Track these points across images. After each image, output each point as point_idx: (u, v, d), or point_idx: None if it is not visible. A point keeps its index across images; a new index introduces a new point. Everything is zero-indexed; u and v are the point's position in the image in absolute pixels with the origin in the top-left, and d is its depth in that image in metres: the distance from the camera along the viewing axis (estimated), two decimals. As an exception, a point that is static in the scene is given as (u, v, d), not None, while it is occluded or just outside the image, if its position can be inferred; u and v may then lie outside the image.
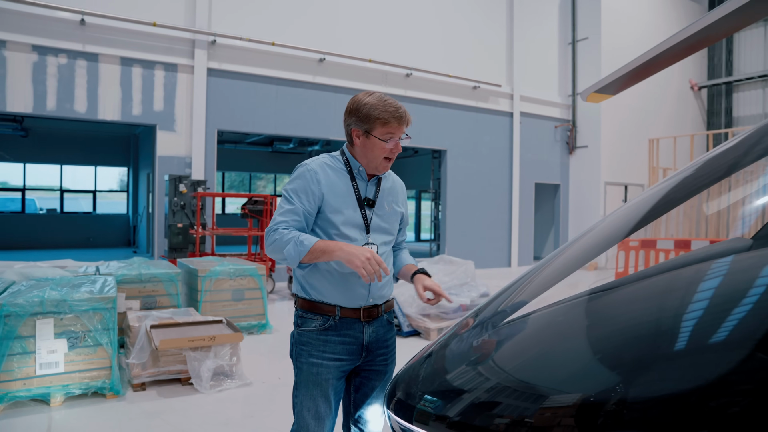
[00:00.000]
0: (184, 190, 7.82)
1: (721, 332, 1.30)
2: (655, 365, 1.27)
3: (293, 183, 1.97)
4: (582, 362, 1.51)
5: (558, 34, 14.70)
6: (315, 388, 1.96)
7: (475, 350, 1.87)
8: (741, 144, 1.82)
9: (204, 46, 9.36)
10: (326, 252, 1.84)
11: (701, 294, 1.49)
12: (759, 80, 15.34)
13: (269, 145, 18.55)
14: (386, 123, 1.93)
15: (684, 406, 1.12)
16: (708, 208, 2.23)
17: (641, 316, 1.54)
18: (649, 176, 11.77)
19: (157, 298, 5.44)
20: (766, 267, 1.50)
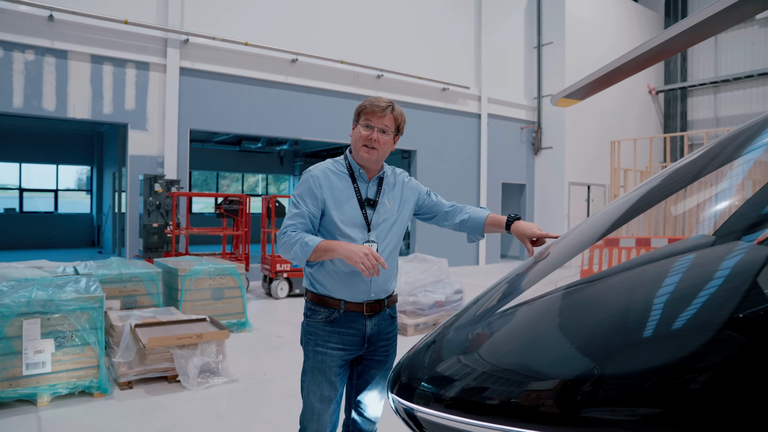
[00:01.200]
0: (159, 189, 7.79)
1: (687, 319, 1.51)
2: (629, 350, 1.47)
3: (299, 188, 2.15)
4: (567, 348, 1.72)
5: (524, 39, 15.11)
6: (320, 374, 2.13)
7: (472, 338, 2.06)
8: (709, 152, 2.04)
9: (176, 45, 9.31)
10: (328, 250, 2.00)
11: (672, 286, 1.69)
12: (710, 86, 16.13)
13: (237, 144, 18.44)
14: (365, 111, 2.12)
15: (656, 385, 1.32)
16: (675, 209, 2.44)
17: (621, 305, 1.75)
18: (611, 177, 12.25)
19: (137, 298, 5.45)
20: (727, 260, 1.72)
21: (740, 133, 1.98)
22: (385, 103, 2.13)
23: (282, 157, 20.84)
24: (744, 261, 1.65)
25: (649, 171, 12.22)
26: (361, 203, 2.16)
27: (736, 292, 1.51)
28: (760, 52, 15.11)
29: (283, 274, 8.51)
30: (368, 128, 2.13)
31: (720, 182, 2.07)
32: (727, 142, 1.98)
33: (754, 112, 15.28)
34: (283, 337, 6.10)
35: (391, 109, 2.13)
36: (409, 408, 1.80)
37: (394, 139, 2.21)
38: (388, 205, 2.23)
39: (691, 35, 4.42)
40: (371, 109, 2.12)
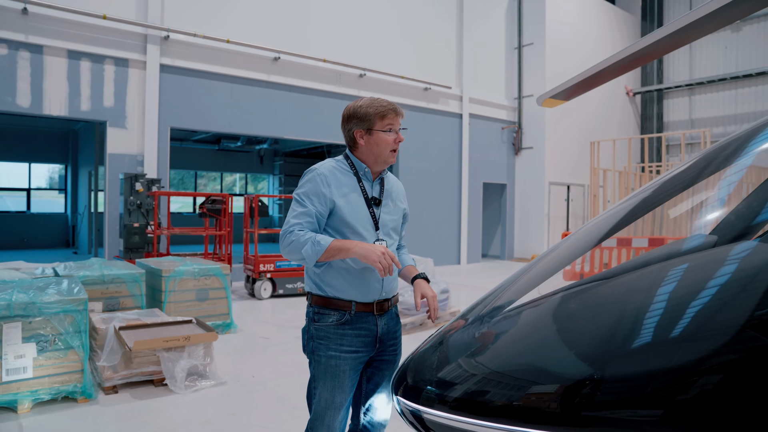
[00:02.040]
0: (140, 188, 7.62)
1: (704, 319, 1.52)
2: (644, 350, 1.48)
3: (304, 187, 2.08)
4: (575, 350, 1.72)
5: (505, 39, 15.22)
6: (332, 379, 2.05)
7: (478, 339, 2.06)
8: (702, 159, 2.06)
9: (157, 42, 9.13)
10: (342, 250, 1.95)
11: (686, 286, 1.70)
12: (686, 88, 16.47)
13: (216, 143, 18.21)
14: (384, 116, 2.08)
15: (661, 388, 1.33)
16: (672, 212, 2.49)
17: (632, 306, 1.76)
18: (591, 177, 12.42)
19: (120, 300, 5.32)
20: (737, 259, 1.73)
21: (735, 140, 2.00)
22: (394, 103, 2.14)
23: (262, 156, 20.65)
24: (752, 259, 1.66)
25: (627, 171, 12.42)
26: (368, 202, 2.13)
27: (748, 290, 1.52)
28: (732, 56, 15.48)
29: (267, 274, 8.42)
30: (392, 132, 2.12)
31: (715, 186, 2.10)
32: (722, 149, 2.00)
33: (727, 114, 15.66)
34: (270, 338, 6.02)
35: (397, 105, 2.15)
36: (416, 410, 1.78)
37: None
38: (391, 205, 2.22)
39: (673, 40, 4.52)
40: (393, 113, 2.10)
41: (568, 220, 15.33)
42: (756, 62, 15.11)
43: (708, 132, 11.00)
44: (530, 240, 14.99)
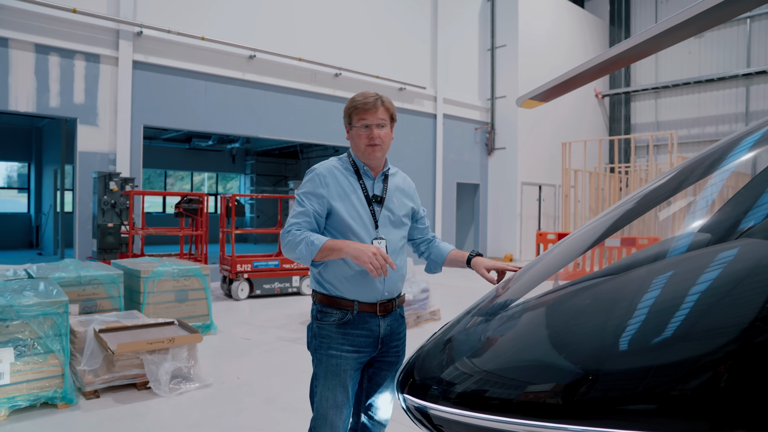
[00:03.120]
0: (114, 188, 7.42)
1: (705, 314, 1.59)
2: (649, 346, 1.55)
3: (304, 187, 2.08)
4: (580, 344, 1.77)
5: (478, 41, 15.39)
6: (334, 378, 2.04)
7: (484, 335, 2.09)
8: (699, 160, 2.13)
9: (129, 37, 8.92)
10: (335, 250, 1.93)
11: (688, 283, 1.76)
12: (652, 92, 16.95)
13: (186, 141, 17.88)
14: (356, 110, 2.06)
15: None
16: (663, 213, 2.59)
17: (634, 304, 1.82)
18: (563, 177, 12.67)
19: (97, 302, 5.18)
20: (733, 256, 1.80)
21: (720, 148, 2.10)
22: (373, 96, 2.08)
23: (234, 155, 20.38)
24: (745, 254, 1.74)
25: (598, 172, 12.71)
26: (368, 200, 2.11)
27: (744, 285, 1.60)
28: (695, 61, 16.00)
29: (244, 274, 8.31)
30: (366, 127, 2.07)
31: (702, 189, 2.19)
32: (707, 157, 2.09)
33: (691, 117, 16.18)
34: (251, 339, 5.95)
35: (380, 101, 2.09)
36: (423, 406, 1.80)
37: (391, 129, 2.16)
38: (395, 202, 2.18)
39: (646, 47, 4.69)
40: (363, 107, 2.06)
41: (539, 219, 15.59)
42: (717, 68, 15.66)
43: (675, 134, 11.34)
44: (503, 239, 15.19)
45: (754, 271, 1.64)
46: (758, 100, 15.09)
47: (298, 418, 3.75)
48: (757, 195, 1.88)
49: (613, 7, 17.68)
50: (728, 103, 15.55)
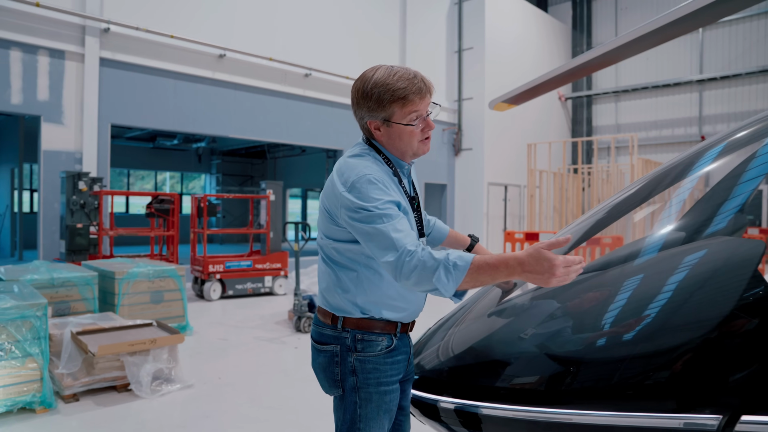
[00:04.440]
0: (84, 188, 7.24)
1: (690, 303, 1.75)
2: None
3: (371, 196, 1.53)
4: (572, 335, 1.93)
5: (446, 43, 15.60)
6: (385, 415, 1.71)
7: (476, 332, 2.23)
8: (676, 165, 2.30)
9: (96, 34, 8.70)
10: (492, 272, 1.41)
11: (663, 276, 1.92)
12: (612, 95, 17.53)
13: (150, 140, 17.50)
14: (405, 102, 1.60)
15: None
16: (638, 216, 2.77)
17: (620, 299, 1.98)
18: (528, 178, 12.97)
19: (71, 304, 5.08)
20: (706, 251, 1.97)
21: (689, 157, 2.28)
22: (417, 75, 1.63)
23: (200, 154, 20.06)
24: (717, 250, 1.93)
25: (562, 173, 13.07)
26: (411, 204, 1.73)
27: (715, 277, 1.80)
28: (652, 67, 16.63)
29: (216, 275, 8.24)
30: (419, 119, 1.64)
31: (673, 194, 2.37)
32: (676, 166, 2.27)
33: (649, 120, 16.82)
34: (228, 339, 5.93)
35: (425, 82, 1.66)
36: (431, 399, 1.92)
37: None
38: (421, 200, 1.83)
39: (613, 55, 4.95)
40: (419, 93, 1.61)
41: (505, 219, 15.92)
42: (673, 74, 16.32)
43: (635, 136, 11.78)
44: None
45: (725, 264, 1.83)
46: (710, 104, 15.81)
47: (283, 416, 3.80)
48: (724, 198, 2.07)
49: (575, 12, 18.20)
50: (683, 107, 16.24)
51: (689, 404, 1.48)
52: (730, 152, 2.17)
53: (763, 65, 14.84)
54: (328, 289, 1.72)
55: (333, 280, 1.70)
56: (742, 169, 2.04)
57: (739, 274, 1.73)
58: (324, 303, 1.74)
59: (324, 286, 1.74)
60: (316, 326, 1.78)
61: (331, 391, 1.74)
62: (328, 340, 1.71)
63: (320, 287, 1.77)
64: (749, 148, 2.07)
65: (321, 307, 1.76)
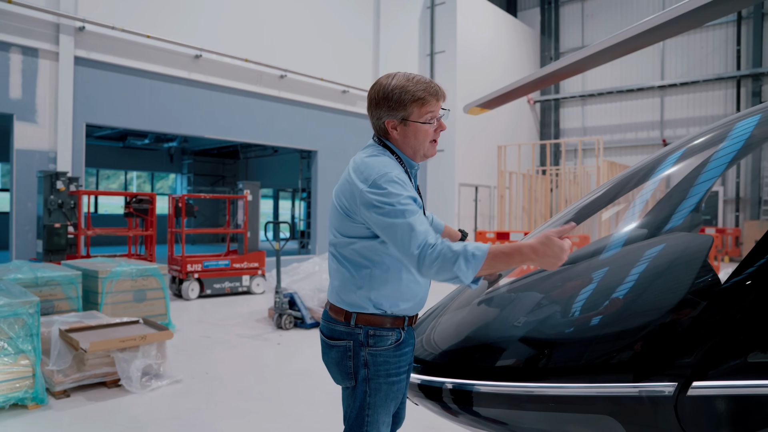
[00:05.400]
0: (62, 187, 7.21)
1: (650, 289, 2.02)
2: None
3: (393, 192, 1.64)
4: (546, 322, 2.20)
5: (418, 46, 15.88)
6: (392, 402, 1.84)
7: (457, 320, 2.48)
8: (644, 167, 2.57)
9: (70, 32, 8.65)
10: (507, 259, 1.58)
11: (631, 267, 2.18)
12: (579, 99, 18.11)
13: (121, 139, 17.27)
14: (423, 103, 1.75)
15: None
16: (605, 215, 2.99)
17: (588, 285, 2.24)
18: (498, 179, 13.33)
19: (55, 303, 5.11)
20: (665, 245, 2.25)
21: (651, 162, 2.56)
22: (434, 82, 1.79)
23: (172, 154, 19.87)
24: (676, 243, 2.22)
25: (531, 174, 13.48)
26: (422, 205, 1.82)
27: (673, 268, 2.09)
28: (617, 72, 17.25)
29: (194, 274, 8.30)
30: (434, 121, 1.78)
31: (637, 195, 2.65)
32: (638, 171, 2.54)
33: (614, 123, 17.44)
34: (211, 337, 6.03)
35: (438, 86, 1.80)
36: (433, 382, 2.15)
37: None
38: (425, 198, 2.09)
39: (586, 62, 5.28)
40: (435, 96, 1.76)
41: (476, 219, 16.28)
42: (636, 79, 16.98)
43: (601, 139, 12.26)
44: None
45: (679, 255, 2.12)
46: (671, 109, 16.51)
47: (273, 407, 3.96)
48: (681, 199, 2.36)
49: (543, 18, 18.73)
50: (646, 111, 16.91)
51: (649, 375, 1.73)
52: (687, 158, 2.45)
53: (719, 73, 15.59)
54: (342, 286, 1.80)
55: (347, 277, 1.79)
56: (698, 172, 2.33)
57: (690, 263, 2.01)
58: (337, 300, 1.82)
59: (338, 284, 1.82)
60: (327, 323, 1.86)
61: (343, 383, 1.84)
62: (341, 336, 1.80)
63: (333, 285, 1.85)
64: (704, 154, 2.36)
65: (333, 304, 1.84)
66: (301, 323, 6.53)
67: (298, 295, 6.64)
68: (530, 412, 1.94)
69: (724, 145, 2.32)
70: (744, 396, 1.64)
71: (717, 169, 2.35)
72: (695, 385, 1.67)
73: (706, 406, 1.68)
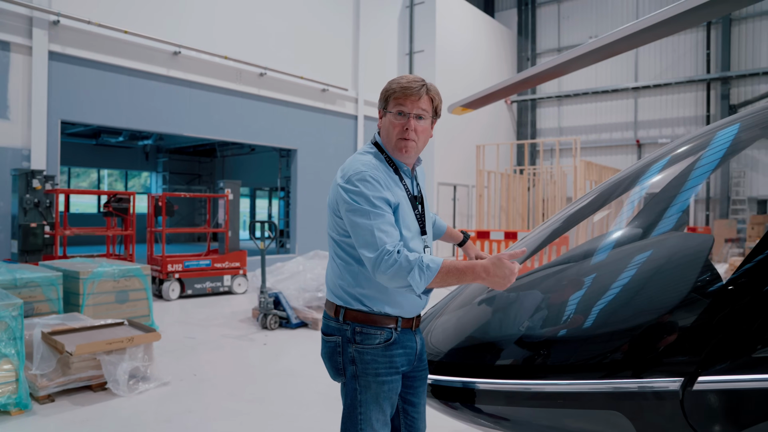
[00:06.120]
0: (38, 186, 7.00)
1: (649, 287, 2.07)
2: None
3: (364, 193, 1.69)
4: (548, 321, 2.24)
5: (398, 45, 15.90)
6: (385, 401, 1.83)
7: (469, 317, 2.50)
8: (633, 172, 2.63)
9: (44, 26, 8.41)
10: (459, 275, 1.62)
11: (636, 267, 2.23)
12: (555, 99, 18.38)
13: (93, 137, 16.87)
14: (394, 94, 1.79)
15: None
16: (598, 216, 3.10)
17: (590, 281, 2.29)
18: (477, 178, 13.45)
19: (35, 305, 4.97)
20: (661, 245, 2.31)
21: (642, 167, 2.62)
22: (419, 81, 1.79)
23: (147, 152, 19.50)
24: (669, 243, 2.28)
25: (509, 173, 13.63)
26: (412, 202, 1.84)
27: (668, 266, 2.15)
28: (592, 73, 17.56)
29: (175, 275, 8.17)
30: (402, 116, 1.78)
31: (628, 198, 2.71)
32: (624, 178, 2.60)
33: (589, 123, 17.75)
34: (195, 337, 5.95)
35: (426, 89, 1.80)
36: (440, 381, 2.16)
37: (431, 125, 1.86)
38: (426, 200, 1.97)
39: (566, 66, 5.37)
40: (403, 92, 1.77)
41: (454, 218, 16.40)
42: (611, 80, 17.31)
43: (578, 140, 12.47)
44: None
45: (684, 253, 2.17)
46: (644, 110, 16.89)
47: (265, 408, 3.93)
48: (669, 203, 2.42)
49: (520, 19, 18.96)
50: (620, 112, 17.26)
51: (656, 370, 1.78)
52: (672, 165, 2.52)
53: (690, 76, 16.00)
54: (332, 281, 1.87)
55: (336, 272, 1.85)
56: (684, 179, 2.40)
57: (693, 260, 2.07)
58: (329, 295, 1.89)
59: (329, 279, 1.89)
60: (324, 319, 1.92)
61: (336, 378, 1.88)
62: (332, 332, 1.85)
63: (326, 280, 1.92)
64: (688, 161, 2.43)
65: (327, 299, 1.91)
66: (286, 323, 6.49)
67: (283, 295, 6.60)
68: (538, 409, 1.97)
69: (707, 153, 2.41)
70: (749, 390, 1.69)
71: (701, 177, 2.45)
72: (701, 379, 1.72)
73: (711, 400, 1.73)
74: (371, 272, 1.66)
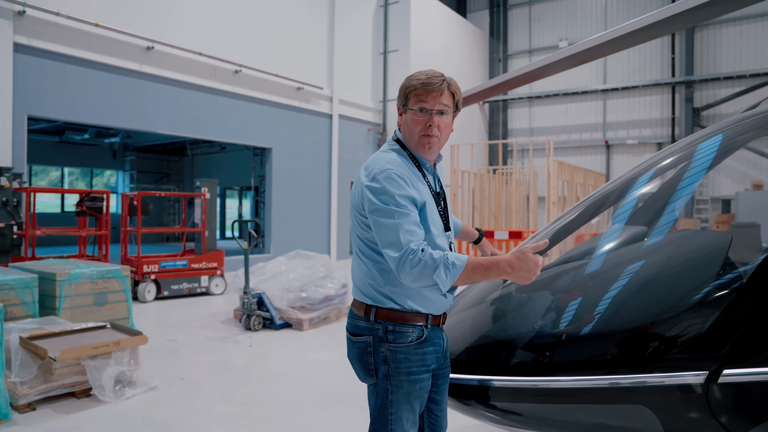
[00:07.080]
0: (6, 184, 6.70)
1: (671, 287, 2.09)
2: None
3: (389, 190, 1.68)
4: (561, 319, 2.24)
5: (372, 45, 15.87)
6: (416, 400, 1.82)
7: (489, 315, 2.49)
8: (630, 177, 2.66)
9: (9, 16, 8.05)
10: (484, 271, 1.62)
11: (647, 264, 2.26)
12: (526, 100, 18.65)
13: (57, 134, 16.29)
14: (416, 91, 1.78)
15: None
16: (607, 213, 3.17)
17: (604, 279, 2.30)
18: (451, 178, 13.53)
19: (8, 309, 4.75)
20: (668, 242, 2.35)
21: (647, 166, 2.66)
22: (439, 77, 1.78)
23: (115, 150, 18.94)
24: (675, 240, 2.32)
25: (483, 173, 13.75)
26: (436, 199, 1.84)
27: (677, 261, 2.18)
28: (563, 75, 17.88)
29: (151, 275, 7.94)
30: (424, 112, 1.78)
31: (629, 196, 2.74)
32: (631, 177, 2.64)
33: (559, 124, 18.07)
34: (177, 340, 5.79)
35: (447, 84, 1.79)
36: (459, 380, 2.14)
37: (452, 119, 1.86)
38: (447, 196, 1.97)
39: (557, 65, 5.43)
40: (424, 88, 1.76)
41: (429, 217, 16.48)
42: (580, 83, 17.67)
43: (551, 140, 12.66)
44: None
45: (704, 250, 2.20)
46: (613, 112, 17.30)
47: (258, 411, 3.84)
48: (667, 202, 2.47)
49: (492, 20, 19.17)
50: (589, 113, 17.63)
51: (681, 364, 1.80)
52: (668, 169, 2.56)
53: (656, 79, 16.46)
54: (360, 280, 1.84)
55: (364, 271, 1.82)
56: (677, 180, 2.46)
57: (714, 257, 2.10)
58: (357, 294, 1.86)
59: (356, 278, 1.86)
60: (351, 319, 1.88)
61: (366, 380, 1.85)
62: (362, 332, 1.82)
63: (353, 280, 1.88)
64: (682, 167, 2.49)
65: (355, 299, 1.87)
66: (270, 324, 6.38)
67: (266, 296, 6.48)
68: (564, 405, 1.97)
69: (695, 161, 2.47)
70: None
71: (694, 182, 2.52)
72: (725, 373, 1.75)
73: (736, 393, 1.76)
74: (395, 272, 1.65)
